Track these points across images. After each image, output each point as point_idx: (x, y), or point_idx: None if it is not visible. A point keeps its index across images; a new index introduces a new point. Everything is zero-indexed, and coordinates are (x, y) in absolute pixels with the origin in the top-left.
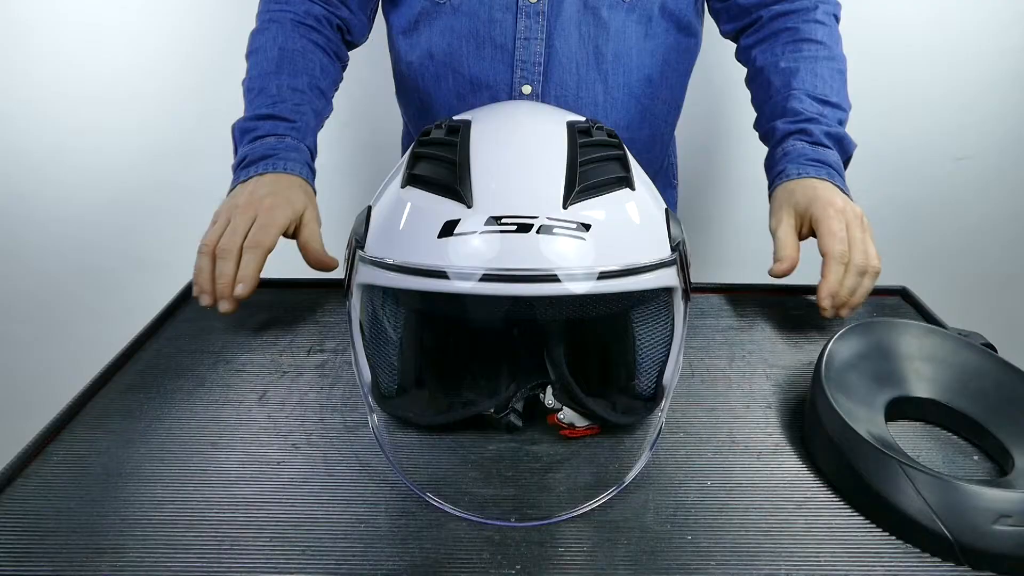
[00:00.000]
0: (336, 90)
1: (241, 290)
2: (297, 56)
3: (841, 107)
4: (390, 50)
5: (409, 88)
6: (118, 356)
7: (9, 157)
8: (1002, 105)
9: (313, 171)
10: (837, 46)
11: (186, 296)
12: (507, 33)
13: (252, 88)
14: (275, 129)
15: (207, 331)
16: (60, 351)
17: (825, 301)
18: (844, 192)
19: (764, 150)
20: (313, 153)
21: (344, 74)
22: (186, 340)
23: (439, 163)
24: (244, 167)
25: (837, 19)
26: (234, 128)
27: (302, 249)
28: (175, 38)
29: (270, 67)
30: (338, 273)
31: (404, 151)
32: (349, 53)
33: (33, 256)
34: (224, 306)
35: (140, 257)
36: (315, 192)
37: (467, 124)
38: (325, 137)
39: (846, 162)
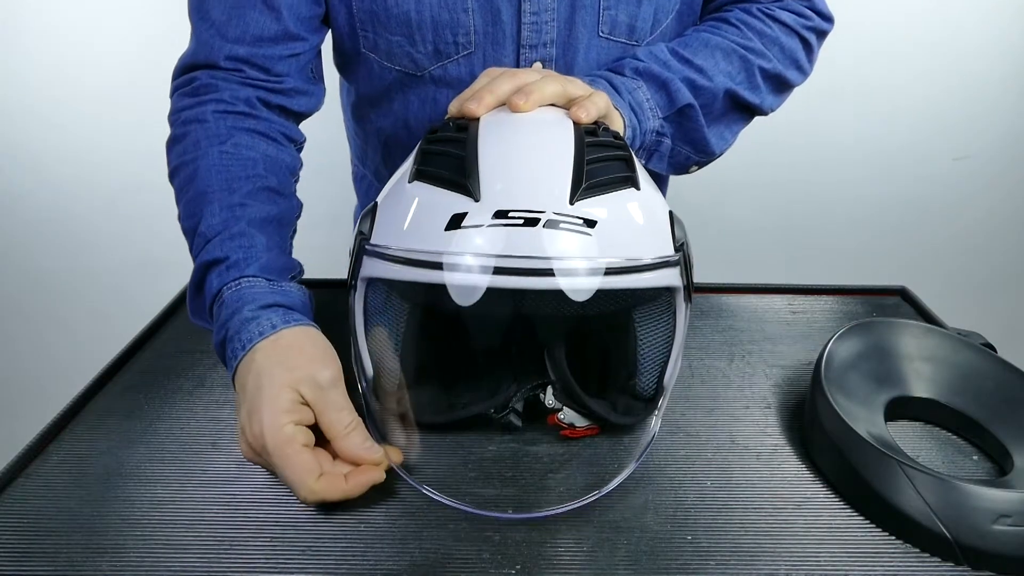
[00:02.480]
0: (297, 180)
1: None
2: (230, 162)
3: (703, 70)
4: (343, 103)
5: (376, 149)
6: (118, 356)
7: (9, 157)
8: (1001, 105)
9: (275, 302)
10: (759, 38)
11: (186, 296)
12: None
13: (186, 231)
14: (210, 286)
15: (207, 331)
16: (60, 351)
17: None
18: (614, 105)
19: (764, 151)
20: (271, 275)
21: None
22: (186, 340)
23: (447, 158)
24: (227, 365)
25: (816, 32)
26: (187, 302)
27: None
28: (176, 37)
29: (194, 193)
30: (340, 273)
31: (360, 194)
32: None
33: (33, 256)
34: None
35: (140, 257)
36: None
37: (475, 121)
38: (330, 139)
39: (677, 114)
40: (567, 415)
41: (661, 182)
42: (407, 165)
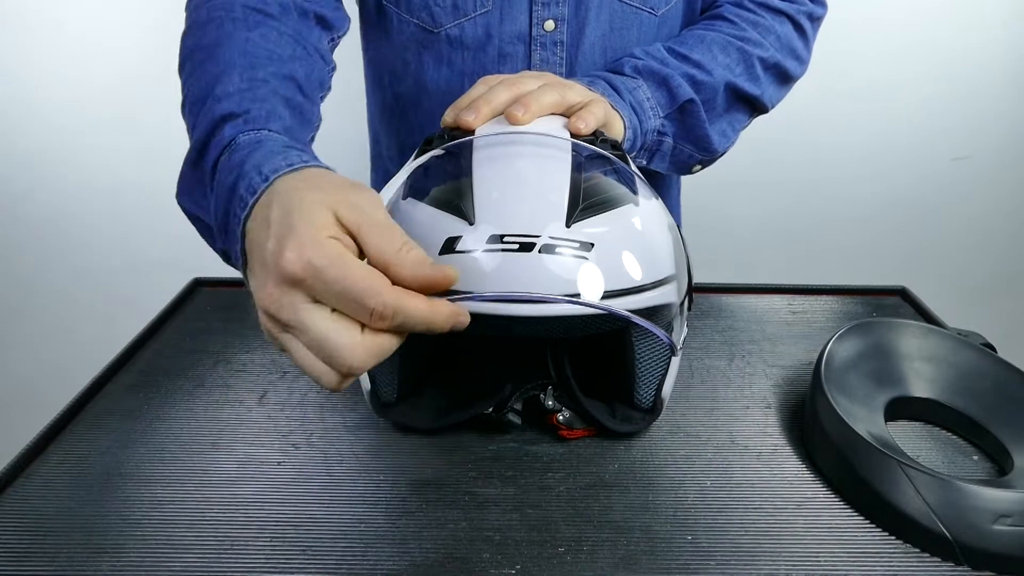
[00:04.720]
0: (324, 94)
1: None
2: (254, 47)
3: (701, 65)
4: (366, 53)
5: (395, 115)
6: (118, 356)
7: (9, 157)
8: (1001, 104)
9: (299, 149)
10: (754, 29)
11: (186, 296)
12: (519, 68)
13: (193, 103)
14: (220, 139)
15: (207, 331)
16: (60, 351)
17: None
18: (614, 107)
19: (764, 150)
20: (283, 130)
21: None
22: (186, 340)
23: (441, 176)
24: (222, 236)
25: (810, 18)
26: (179, 180)
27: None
28: (174, 37)
29: (214, 69)
30: None
31: (375, 174)
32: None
33: (33, 256)
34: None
35: (140, 257)
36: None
37: (471, 135)
38: (345, 141)
39: (679, 111)
40: (565, 415)
41: (672, 184)
42: (401, 178)
